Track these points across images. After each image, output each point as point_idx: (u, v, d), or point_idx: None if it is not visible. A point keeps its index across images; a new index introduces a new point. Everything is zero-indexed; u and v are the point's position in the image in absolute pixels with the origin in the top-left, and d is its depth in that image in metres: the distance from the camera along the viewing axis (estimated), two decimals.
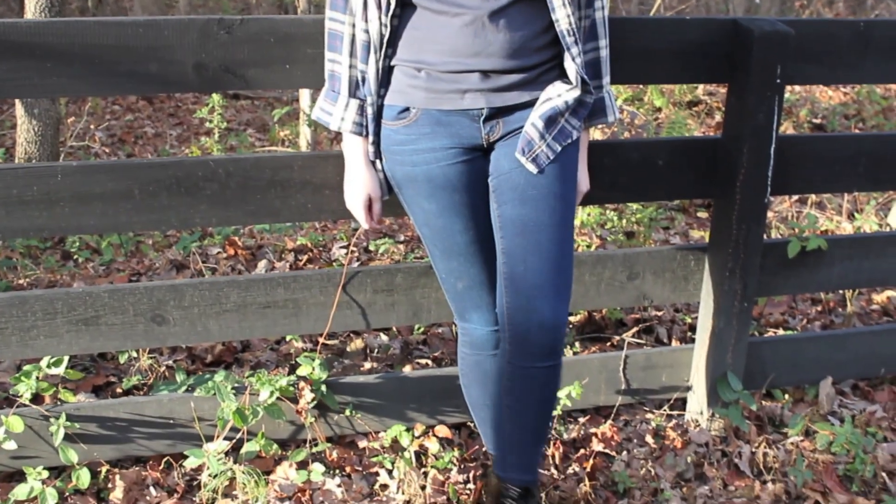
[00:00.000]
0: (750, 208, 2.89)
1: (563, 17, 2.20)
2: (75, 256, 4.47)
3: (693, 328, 3.79)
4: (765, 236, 2.99)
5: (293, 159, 2.59)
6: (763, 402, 3.28)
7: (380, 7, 2.21)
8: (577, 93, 2.25)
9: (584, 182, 2.52)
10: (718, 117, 7.18)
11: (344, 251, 4.28)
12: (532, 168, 2.25)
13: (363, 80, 2.30)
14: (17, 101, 4.95)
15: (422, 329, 3.68)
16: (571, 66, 2.24)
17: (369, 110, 2.32)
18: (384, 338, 3.61)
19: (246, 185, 2.56)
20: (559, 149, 2.27)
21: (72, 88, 2.40)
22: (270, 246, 4.40)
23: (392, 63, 2.28)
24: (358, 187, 2.41)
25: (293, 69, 2.50)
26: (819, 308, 4.13)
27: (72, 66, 2.35)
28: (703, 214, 5.20)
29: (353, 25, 2.27)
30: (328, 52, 2.33)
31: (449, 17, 2.18)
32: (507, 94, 2.25)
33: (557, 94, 2.25)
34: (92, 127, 7.37)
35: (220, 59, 2.44)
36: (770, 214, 5.01)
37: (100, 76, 2.39)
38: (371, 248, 4.29)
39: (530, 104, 2.28)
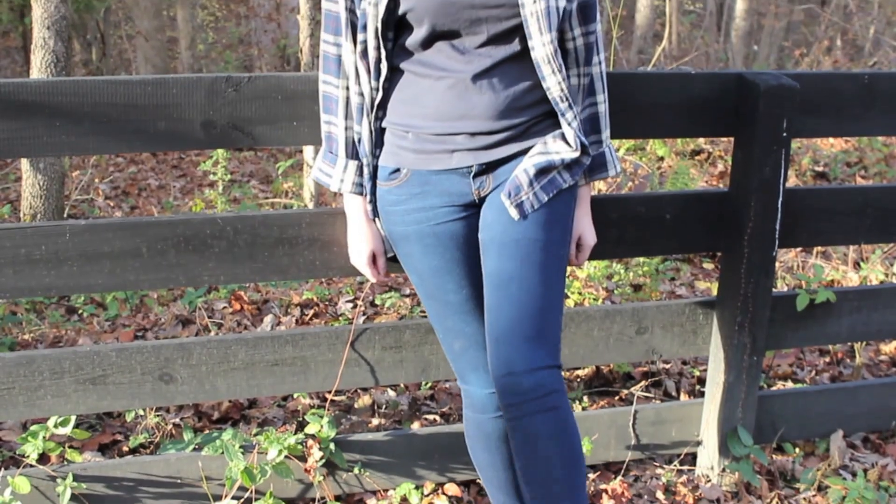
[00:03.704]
0: (758, 262, 2.88)
1: (553, 84, 2.19)
2: (80, 311, 4.46)
3: (701, 381, 3.78)
4: (773, 289, 2.98)
5: (301, 216, 2.58)
6: (773, 456, 3.25)
7: (369, 72, 2.23)
8: (576, 155, 2.25)
9: (589, 235, 2.49)
10: (721, 166, 7.19)
11: (350, 305, 4.27)
12: (514, 213, 2.22)
13: (360, 140, 2.32)
14: None
15: (429, 384, 3.66)
16: (569, 131, 2.24)
17: (366, 171, 2.33)
18: (392, 393, 3.59)
19: (254, 242, 2.56)
20: (545, 199, 2.24)
21: (80, 147, 2.40)
22: (276, 300, 4.39)
23: (383, 125, 2.30)
24: (361, 243, 2.41)
25: (300, 126, 2.51)
26: (827, 359, 4.11)
27: (81, 125, 2.36)
28: (708, 265, 5.19)
29: (347, 88, 2.30)
30: (324, 113, 2.35)
31: (432, 80, 2.20)
32: (495, 150, 2.25)
33: (556, 151, 2.25)
34: (96, 180, 7.39)
35: (227, 117, 2.46)
36: (776, 265, 5.00)
37: (108, 134, 2.40)
38: (377, 302, 4.28)
39: (521, 154, 2.27)
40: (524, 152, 2.27)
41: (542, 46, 2.15)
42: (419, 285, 2.38)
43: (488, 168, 2.26)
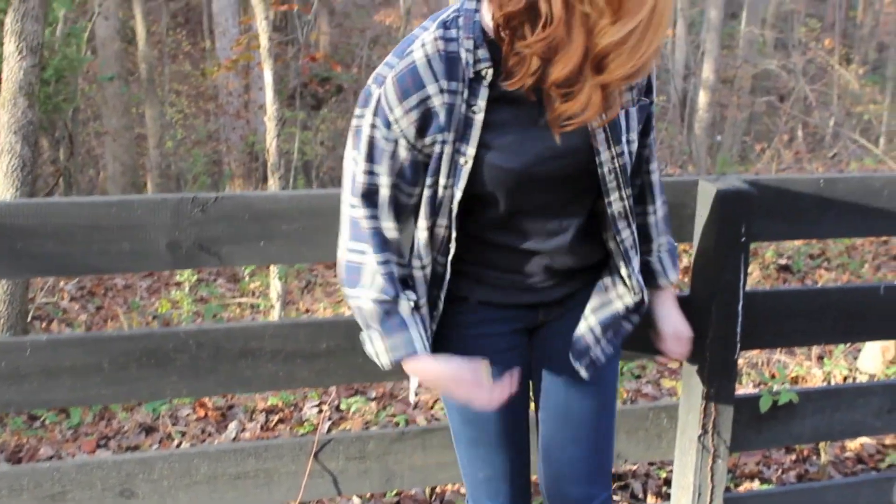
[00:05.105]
0: (720, 366, 2.89)
1: (627, 235, 2.13)
2: (43, 418, 4.41)
3: (668, 482, 3.77)
4: (736, 390, 2.99)
5: (264, 328, 2.58)
6: None
7: (434, 248, 2.08)
8: (638, 298, 2.19)
9: (685, 329, 2.45)
10: (686, 261, 7.25)
11: (315, 410, 4.25)
12: (584, 374, 2.20)
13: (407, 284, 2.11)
14: None
15: (395, 490, 3.63)
16: (633, 277, 2.17)
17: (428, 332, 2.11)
18: (357, 501, 3.55)
19: (217, 355, 2.55)
20: (612, 351, 2.22)
21: (43, 269, 2.40)
22: (241, 405, 4.36)
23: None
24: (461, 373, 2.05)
25: (268, 246, 2.50)
26: (793, 457, 4.12)
27: (43, 247, 2.35)
28: (674, 364, 5.21)
29: (400, 265, 2.08)
30: (358, 289, 2.06)
31: (506, 251, 2.12)
32: (567, 284, 2.21)
33: (618, 296, 2.20)
34: (62, 282, 7.36)
35: (193, 237, 2.45)
36: (740, 361, 5.03)
37: (72, 256, 2.39)
38: (343, 406, 4.27)
39: (588, 284, 2.24)
40: (590, 281, 2.24)
41: (619, 201, 2.08)
42: (456, 413, 2.28)
43: (560, 301, 2.23)
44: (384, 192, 2.00)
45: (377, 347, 2.06)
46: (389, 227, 2.03)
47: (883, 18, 21.47)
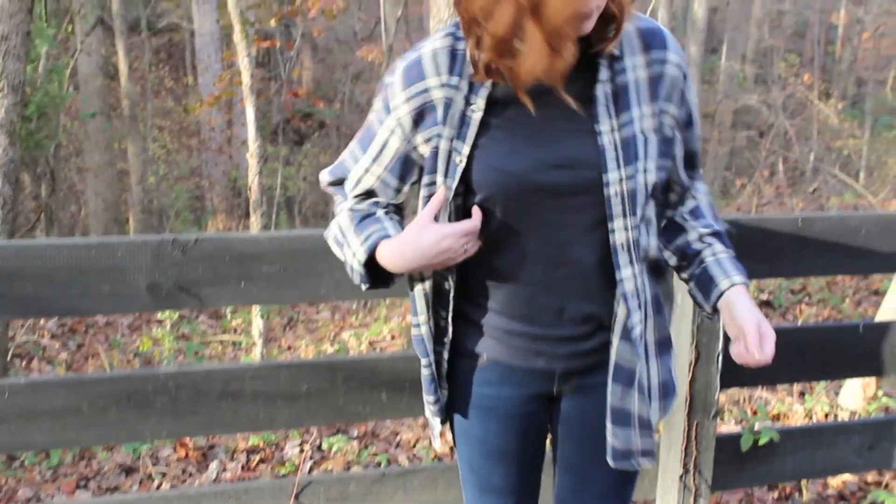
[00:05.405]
0: (701, 405, 2.90)
1: (628, 276, 1.94)
2: (22, 459, 4.38)
3: None
4: (718, 427, 3.00)
5: (244, 370, 2.58)
6: None
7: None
8: (632, 366, 1.99)
9: (767, 326, 1.94)
10: None
11: (297, 449, 4.23)
12: (641, 466, 2.08)
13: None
14: None
15: None
16: (628, 341, 1.98)
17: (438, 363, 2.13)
18: None
19: (196, 397, 2.54)
20: (650, 439, 2.05)
21: (22, 311, 2.39)
22: (222, 445, 4.34)
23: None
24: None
25: (248, 287, 2.50)
26: (775, 494, 4.11)
27: (23, 290, 2.34)
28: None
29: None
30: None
31: (512, 282, 2.00)
32: (586, 358, 2.06)
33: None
34: (42, 320, 7.32)
35: (174, 279, 2.44)
36: (722, 398, 5.04)
37: (52, 299, 2.38)
38: (324, 446, 4.25)
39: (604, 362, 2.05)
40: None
41: (623, 231, 1.91)
42: (465, 463, 2.25)
43: (575, 371, 2.08)
44: (354, 176, 2.09)
45: (354, 247, 2.02)
46: (346, 204, 2.11)
47: (861, 54, 21.67)
